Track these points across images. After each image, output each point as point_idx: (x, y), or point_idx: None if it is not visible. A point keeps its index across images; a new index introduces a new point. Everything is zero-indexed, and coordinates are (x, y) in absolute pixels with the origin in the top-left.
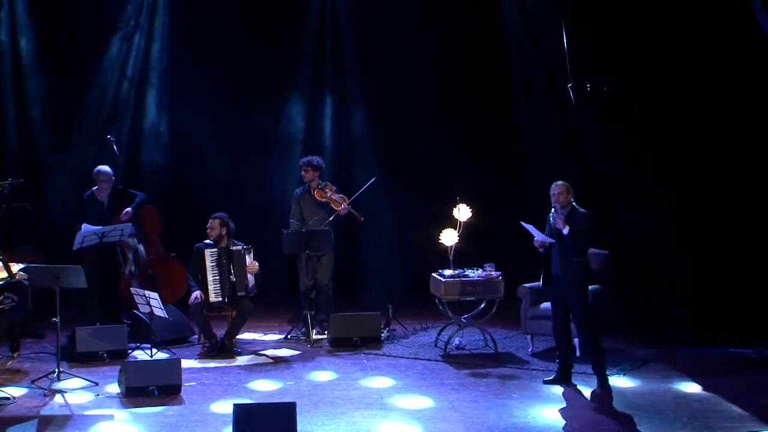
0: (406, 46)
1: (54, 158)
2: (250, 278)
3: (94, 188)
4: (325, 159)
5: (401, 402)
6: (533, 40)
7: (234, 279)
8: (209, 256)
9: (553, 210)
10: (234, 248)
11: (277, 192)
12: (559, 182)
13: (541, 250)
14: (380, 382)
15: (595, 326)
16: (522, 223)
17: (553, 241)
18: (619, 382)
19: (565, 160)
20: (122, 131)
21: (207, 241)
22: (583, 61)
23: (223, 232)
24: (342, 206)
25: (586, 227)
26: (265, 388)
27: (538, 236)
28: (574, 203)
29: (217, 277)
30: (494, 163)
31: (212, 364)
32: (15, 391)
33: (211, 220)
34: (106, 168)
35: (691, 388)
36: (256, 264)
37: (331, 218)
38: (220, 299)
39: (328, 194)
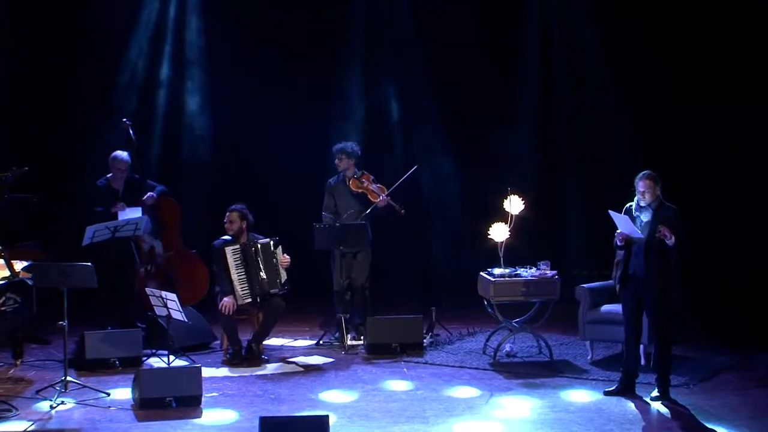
0: (455, 31)
1: (63, 144)
2: (283, 273)
3: (109, 175)
4: (363, 146)
5: (446, 415)
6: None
7: (265, 276)
8: (231, 254)
9: (635, 203)
10: (261, 241)
11: (318, 181)
12: (646, 173)
13: (620, 244)
14: (422, 393)
15: (671, 332)
16: (611, 212)
17: (642, 236)
18: (688, 394)
19: (631, 149)
20: (149, 113)
21: (225, 237)
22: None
23: (243, 226)
24: (380, 197)
25: (679, 226)
26: (294, 399)
27: (626, 229)
28: (660, 196)
29: (244, 276)
30: (550, 152)
31: (236, 372)
32: (18, 403)
33: (228, 213)
34: (123, 154)
35: None
36: (288, 258)
37: (368, 211)
38: (251, 300)
39: (365, 184)
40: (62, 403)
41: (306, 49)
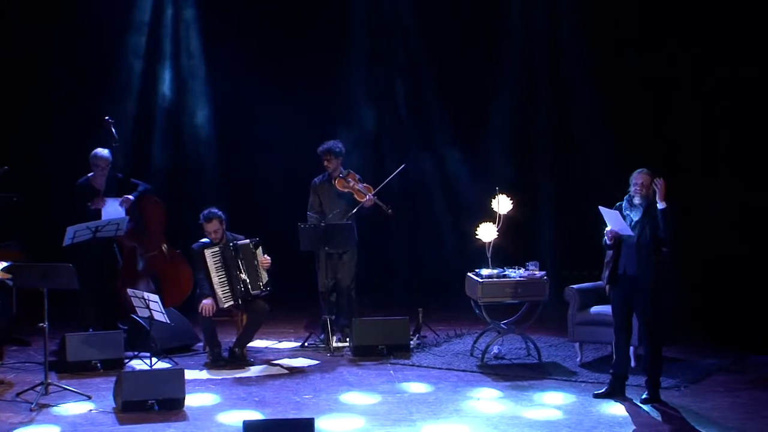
0: (440, 31)
1: (45, 143)
2: (264, 274)
3: (90, 174)
4: (352, 145)
5: (433, 418)
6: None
7: (246, 277)
8: (211, 257)
9: (624, 202)
10: (240, 242)
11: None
12: (644, 170)
13: (609, 242)
14: (409, 395)
15: (662, 334)
16: (600, 207)
17: (632, 234)
18: (679, 396)
19: (623, 147)
20: (145, 113)
21: (204, 240)
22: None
23: (224, 228)
24: (367, 197)
25: (670, 223)
26: (278, 402)
27: (616, 225)
28: (652, 194)
29: (225, 279)
30: (539, 151)
31: (219, 375)
32: None
33: (207, 223)
34: (104, 152)
35: (761, 400)
36: (268, 258)
37: (355, 210)
38: (233, 302)
39: (351, 183)
40: (43, 406)
41: (301, 48)
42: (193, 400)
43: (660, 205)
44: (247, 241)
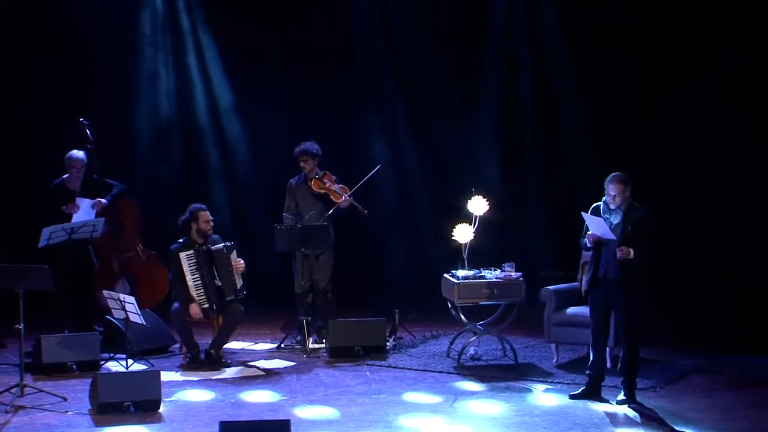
0: (421, 29)
1: (20, 145)
2: (239, 279)
3: (65, 176)
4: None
5: (408, 420)
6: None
7: (220, 283)
8: (186, 260)
9: (603, 203)
10: (214, 248)
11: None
12: (615, 176)
13: (590, 245)
14: (385, 397)
15: (640, 335)
16: (584, 214)
17: (615, 238)
18: (655, 397)
19: (604, 147)
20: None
21: (181, 240)
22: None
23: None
24: (343, 198)
25: (650, 227)
26: (255, 402)
27: (600, 231)
28: (629, 198)
29: (199, 282)
30: (514, 151)
31: (196, 376)
32: None
33: (203, 212)
34: (79, 153)
35: (737, 401)
36: (242, 262)
37: (331, 212)
38: (207, 306)
39: (327, 184)
40: (18, 408)
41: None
42: (169, 401)
43: (630, 255)
44: (221, 245)
